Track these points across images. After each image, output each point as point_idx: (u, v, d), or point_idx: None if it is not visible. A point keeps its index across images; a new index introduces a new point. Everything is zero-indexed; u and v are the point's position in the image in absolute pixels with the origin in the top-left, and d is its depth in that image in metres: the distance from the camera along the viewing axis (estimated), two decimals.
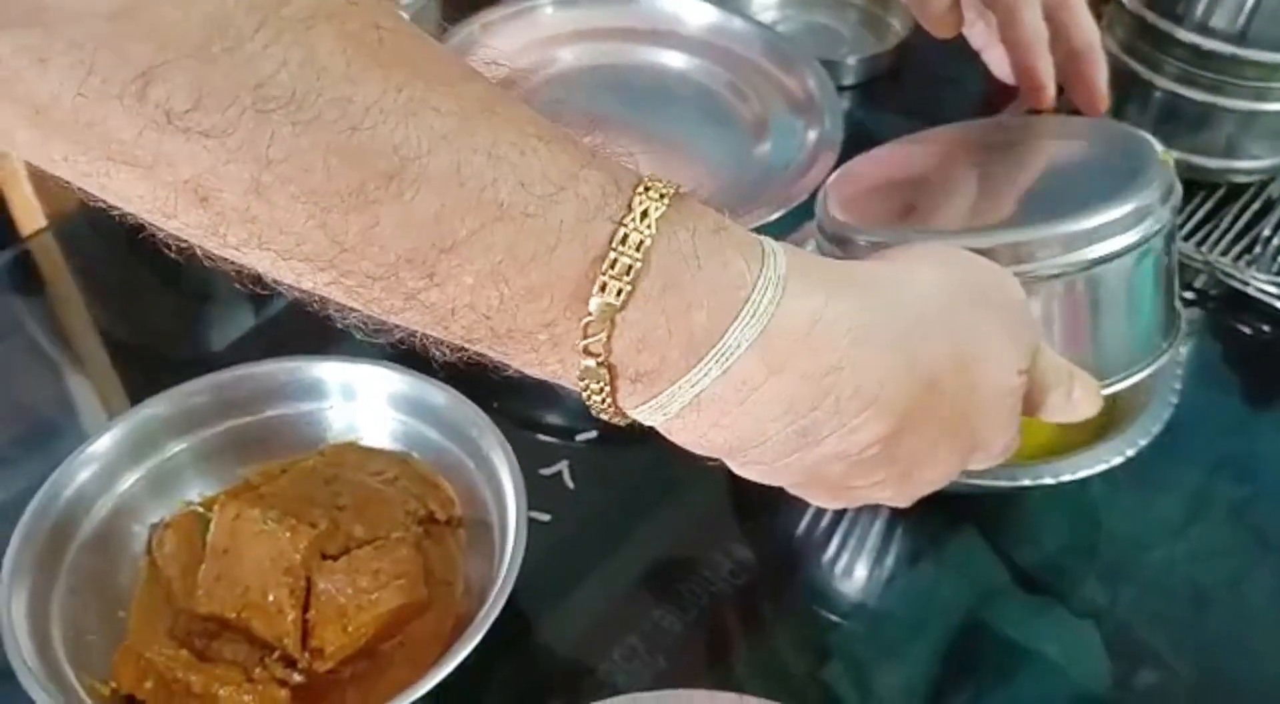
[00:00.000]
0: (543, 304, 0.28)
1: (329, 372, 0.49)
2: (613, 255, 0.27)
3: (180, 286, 0.65)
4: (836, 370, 0.30)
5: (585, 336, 0.28)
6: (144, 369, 0.59)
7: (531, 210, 0.27)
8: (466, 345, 0.30)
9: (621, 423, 0.32)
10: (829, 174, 0.55)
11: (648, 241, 0.28)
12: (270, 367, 0.48)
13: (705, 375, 0.29)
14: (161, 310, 0.63)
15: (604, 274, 0.27)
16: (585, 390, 0.30)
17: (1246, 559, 0.50)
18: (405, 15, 0.58)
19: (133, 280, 0.64)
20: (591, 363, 0.29)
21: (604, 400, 0.31)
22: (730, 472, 0.34)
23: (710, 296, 0.29)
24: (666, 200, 0.28)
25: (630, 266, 0.27)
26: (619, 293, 0.28)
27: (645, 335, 0.29)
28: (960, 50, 0.83)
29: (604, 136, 0.31)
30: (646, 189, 0.28)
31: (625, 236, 0.28)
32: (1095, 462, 0.46)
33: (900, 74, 0.76)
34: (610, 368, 0.29)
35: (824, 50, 0.77)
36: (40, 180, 0.63)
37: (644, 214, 0.28)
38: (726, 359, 0.29)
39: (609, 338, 0.28)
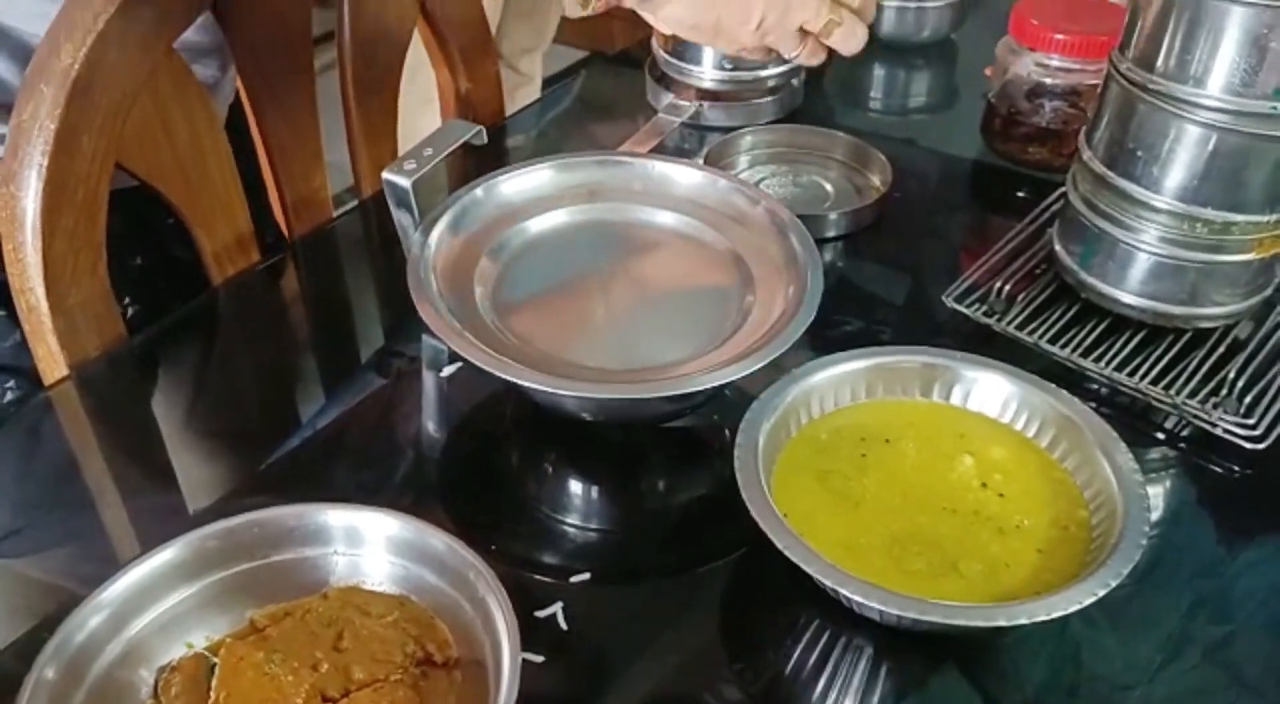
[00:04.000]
0: None
1: (334, 518, 0.51)
2: None
3: (193, 433, 0.67)
4: None
5: None
6: (156, 513, 0.61)
7: None
8: None
9: None
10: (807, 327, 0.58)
11: None
12: (279, 513, 0.51)
13: None
14: (176, 456, 0.65)
15: None
16: None
17: (1225, 700, 0.52)
18: (409, 182, 0.62)
19: (148, 428, 0.67)
20: None
21: None
22: (720, 614, 0.37)
23: None
24: None
25: None
26: None
27: None
28: (938, 205, 0.89)
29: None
30: None
31: None
32: (1071, 602, 0.48)
33: (880, 226, 0.81)
34: None
35: (808, 205, 0.82)
36: (66, 332, 0.67)
37: None
38: None
39: None
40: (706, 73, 0.91)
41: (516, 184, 0.70)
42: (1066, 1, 0.86)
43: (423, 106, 1.22)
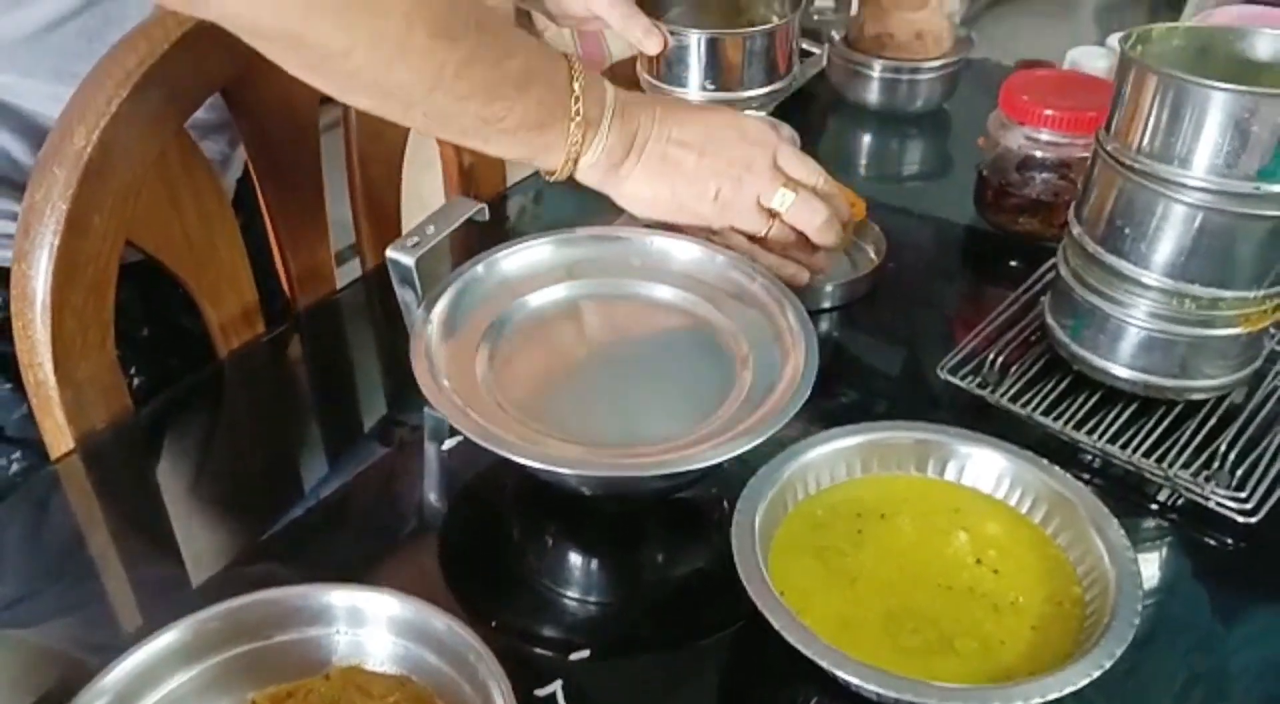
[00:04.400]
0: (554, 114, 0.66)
1: (338, 597, 0.51)
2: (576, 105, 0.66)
3: (198, 505, 0.68)
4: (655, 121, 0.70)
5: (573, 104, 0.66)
6: (161, 585, 0.62)
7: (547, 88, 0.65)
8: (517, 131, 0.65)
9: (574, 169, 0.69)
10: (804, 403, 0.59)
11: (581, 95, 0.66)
12: (282, 593, 0.51)
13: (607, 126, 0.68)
14: (180, 527, 0.66)
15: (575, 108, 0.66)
16: (571, 137, 0.67)
17: None
18: (412, 259, 0.64)
19: (153, 500, 0.68)
20: (579, 125, 0.67)
21: (574, 152, 0.67)
22: (719, 691, 0.38)
23: (596, 104, 0.67)
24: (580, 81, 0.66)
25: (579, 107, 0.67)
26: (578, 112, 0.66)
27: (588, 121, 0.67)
28: (932, 274, 0.90)
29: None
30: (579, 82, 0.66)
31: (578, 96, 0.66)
32: (1065, 684, 0.48)
33: (875, 297, 0.82)
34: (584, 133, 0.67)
35: None
36: (73, 405, 0.68)
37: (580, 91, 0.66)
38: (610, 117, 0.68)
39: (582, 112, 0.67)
40: (691, 94, 0.93)
41: (516, 260, 0.71)
42: (1056, 77, 0.88)
43: (424, 169, 1.24)
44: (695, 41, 0.91)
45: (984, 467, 0.60)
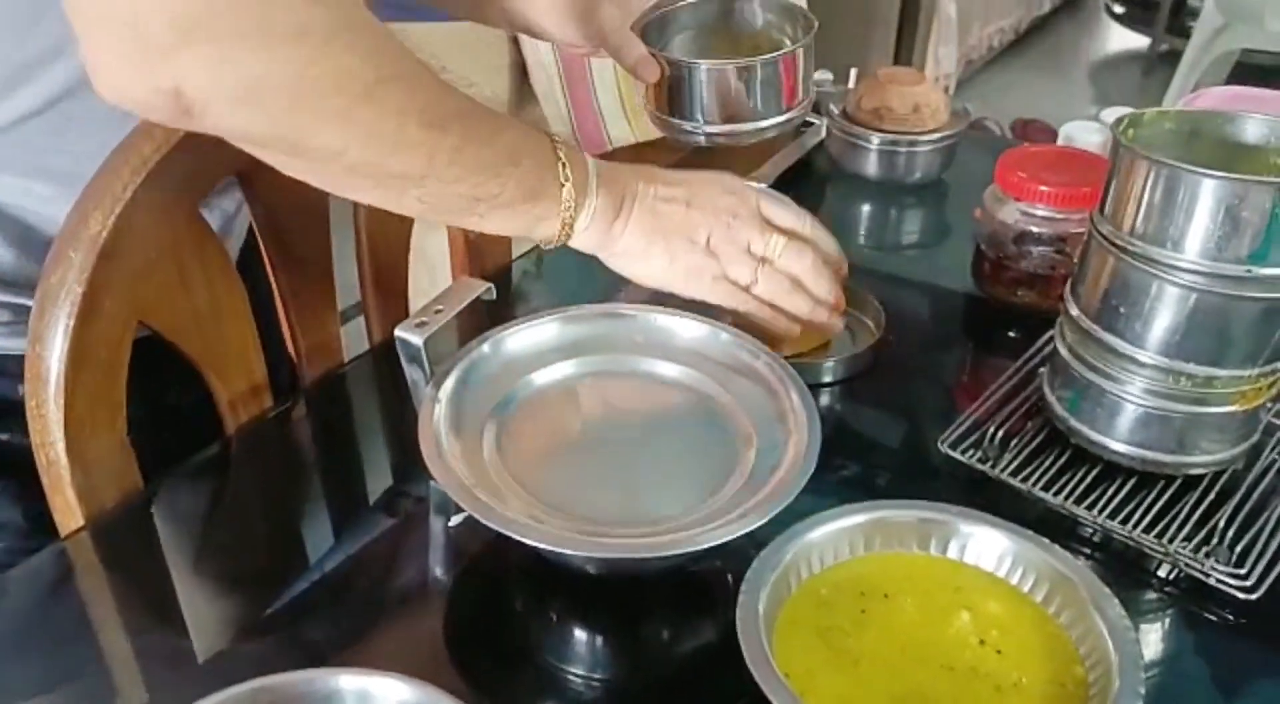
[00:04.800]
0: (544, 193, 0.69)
1: (346, 682, 0.52)
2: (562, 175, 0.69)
3: (206, 581, 0.69)
4: (639, 181, 0.74)
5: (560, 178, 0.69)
6: (168, 661, 0.62)
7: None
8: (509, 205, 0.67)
9: (569, 235, 0.71)
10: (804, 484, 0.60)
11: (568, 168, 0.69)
12: (288, 678, 0.52)
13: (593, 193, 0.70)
14: (187, 604, 0.66)
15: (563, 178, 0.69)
16: (565, 204, 0.69)
17: None
18: (421, 339, 0.65)
19: (161, 577, 0.68)
20: (569, 190, 0.69)
21: (568, 217, 0.69)
22: None
23: (581, 170, 0.70)
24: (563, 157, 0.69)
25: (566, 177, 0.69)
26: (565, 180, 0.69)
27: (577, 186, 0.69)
28: (931, 345, 0.91)
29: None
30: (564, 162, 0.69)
31: (564, 162, 0.69)
32: None
33: (876, 370, 0.83)
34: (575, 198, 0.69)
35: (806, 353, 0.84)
36: (83, 483, 0.68)
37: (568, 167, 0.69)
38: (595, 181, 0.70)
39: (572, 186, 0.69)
40: (700, 128, 0.88)
41: (522, 338, 0.72)
42: (1050, 153, 0.90)
43: (430, 230, 1.26)
44: (695, 71, 0.86)
45: (986, 545, 0.61)
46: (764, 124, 0.89)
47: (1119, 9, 4.21)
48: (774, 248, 0.74)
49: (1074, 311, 0.70)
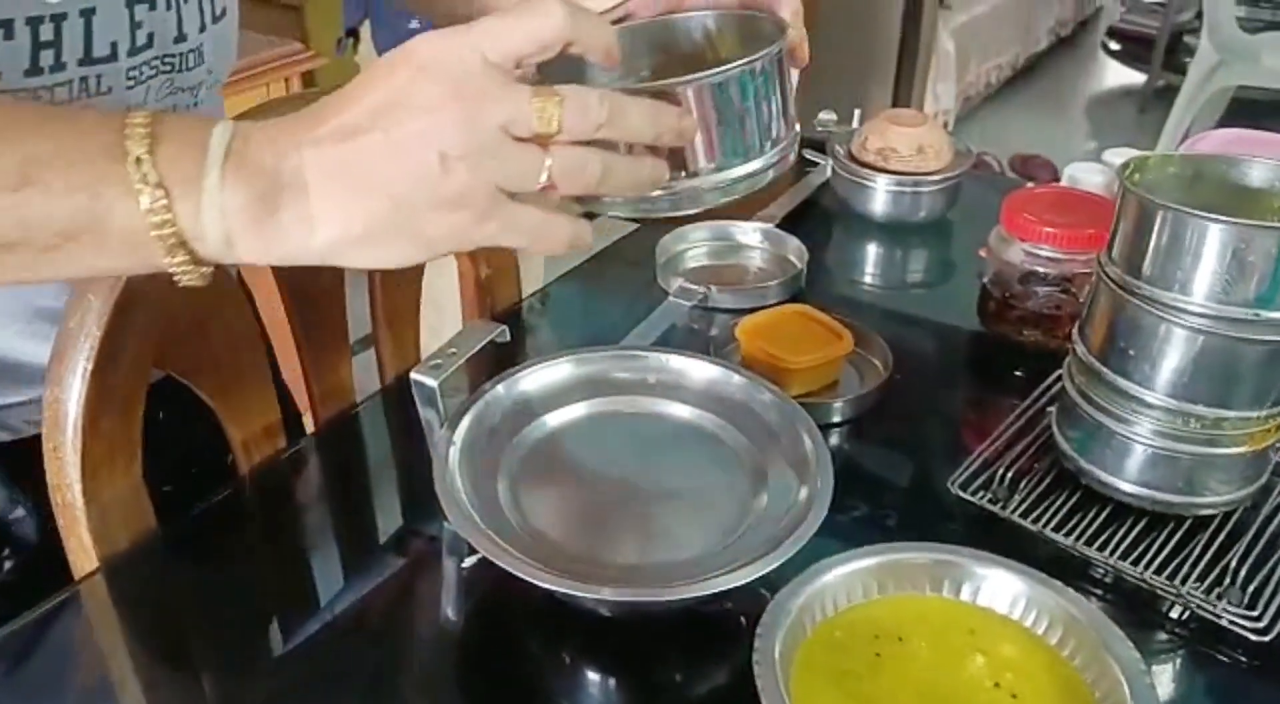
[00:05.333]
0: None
1: None
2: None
3: (219, 621, 0.69)
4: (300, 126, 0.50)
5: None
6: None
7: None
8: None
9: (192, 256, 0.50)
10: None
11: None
12: None
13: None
14: (201, 643, 0.67)
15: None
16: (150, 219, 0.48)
17: None
18: (436, 382, 0.66)
19: (175, 617, 0.68)
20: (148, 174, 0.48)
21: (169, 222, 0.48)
22: None
23: (185, 158, 0.48)
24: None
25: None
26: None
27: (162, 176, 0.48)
28: (938, 384, 0.92)
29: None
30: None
31: (140, 158, 0.48)
32: None
33: (884, 409, 0.83)
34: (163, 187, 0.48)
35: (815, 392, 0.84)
36: (98, 525, 0.69)
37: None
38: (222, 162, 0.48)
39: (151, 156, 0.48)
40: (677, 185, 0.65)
41: (536, 379, 0.73)
42: (1054, 194, 0.91)
43: (440, 266, 1.27)
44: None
45: (998, 587, 0.61)
46: (754, 166, 0.60)
47: (1115, 46, 4.27)
48: (546, 115, 0.48)
49: (1082, 353, 0.71)
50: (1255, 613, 0.64)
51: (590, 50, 0.52)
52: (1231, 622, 0.64)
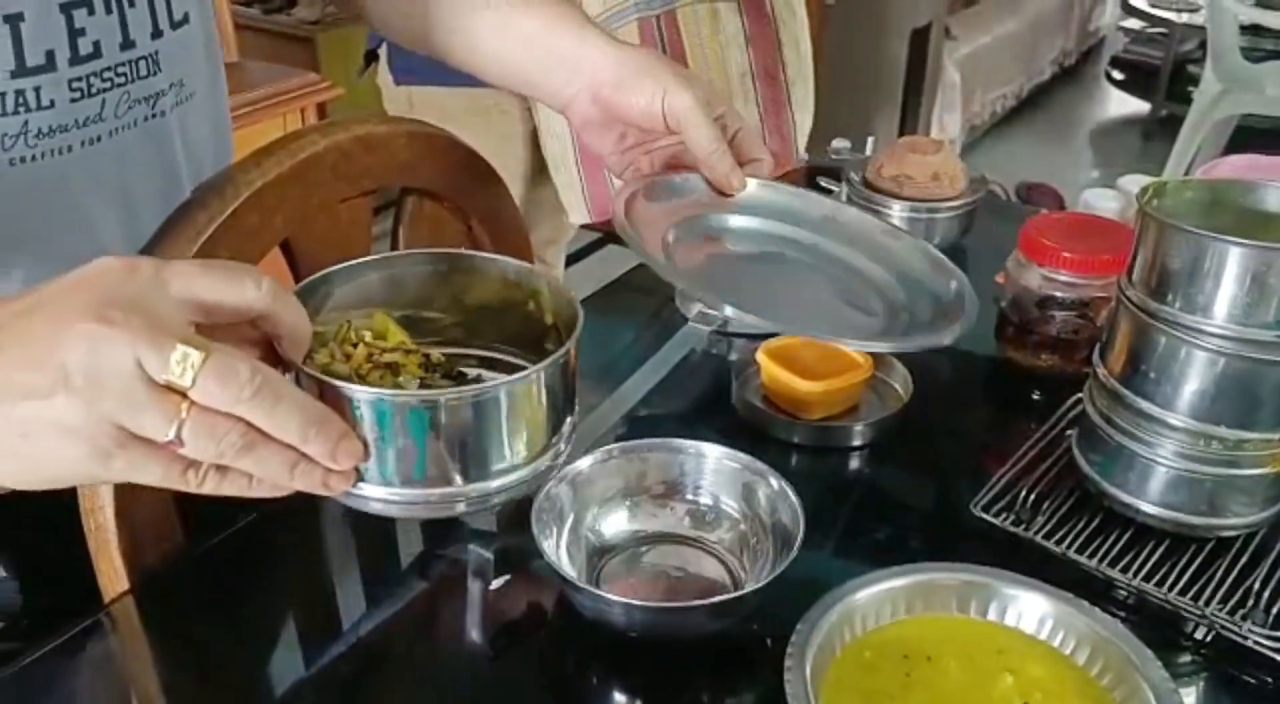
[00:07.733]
0: None
1: None
2: None
3: (248, 649, 0.69)
4: None
5: None
6: None
7: None
8: None
9: None
10: None
11: None
12: None
13: None
14: (231, 665, 0.67)
15: None
16: None
17: None
18: None
19: (201, 645, 0.69)
20: None
21: None
22: None
23: None
24: None
25: None
26: None
27: None
28: (957, 407, 0.92)
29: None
30: None
31: None
32: None
33: (904, 432, 0.84)
34: None
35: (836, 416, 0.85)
36: (130, 547, 0.69)
37: None
38: None
39: None
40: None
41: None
42: (1071, 220, 0.92)
43: None
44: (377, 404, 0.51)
45: (1027, 607, 0.62)
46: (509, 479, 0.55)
47: (1119, 75, 4.30)
48: (184, 363, 0.44)
49: (1103, 376, 0.72)
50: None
51: (279, 330, 0.50)
52: (1257, 643, 0.64)
